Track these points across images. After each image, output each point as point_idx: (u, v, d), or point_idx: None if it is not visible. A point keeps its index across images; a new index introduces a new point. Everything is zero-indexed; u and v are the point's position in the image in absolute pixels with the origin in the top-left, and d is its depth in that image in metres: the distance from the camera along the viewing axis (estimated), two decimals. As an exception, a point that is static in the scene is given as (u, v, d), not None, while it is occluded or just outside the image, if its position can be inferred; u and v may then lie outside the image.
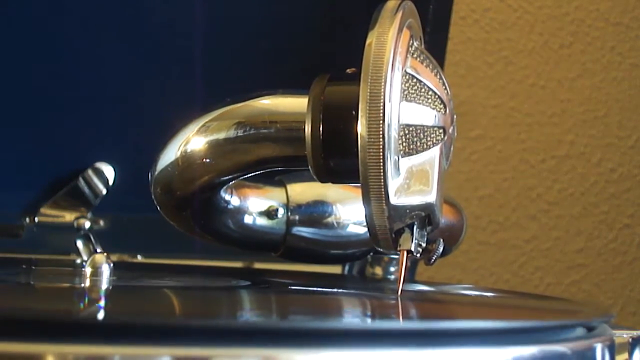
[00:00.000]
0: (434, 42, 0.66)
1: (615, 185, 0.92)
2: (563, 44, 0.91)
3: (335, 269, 0.67)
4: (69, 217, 0.68)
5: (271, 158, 0.46)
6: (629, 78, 0.92)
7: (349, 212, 0.53)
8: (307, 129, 0.44)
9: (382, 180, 0.42)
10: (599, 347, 0.41)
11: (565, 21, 0.91)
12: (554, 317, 0.46)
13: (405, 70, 0.44)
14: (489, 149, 0.91)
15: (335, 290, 0.55)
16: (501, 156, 0.91)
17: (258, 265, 0.70)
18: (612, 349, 0.42)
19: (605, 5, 0.92)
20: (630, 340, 0.43)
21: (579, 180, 0.92)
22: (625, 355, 0.43)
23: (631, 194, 0.92)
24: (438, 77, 0.45)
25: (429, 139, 0.44)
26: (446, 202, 0.57)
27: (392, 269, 0.63)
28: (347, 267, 0.68)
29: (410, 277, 0.67)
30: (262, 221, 0.52)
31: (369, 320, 0.42)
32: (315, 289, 0.55)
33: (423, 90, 0.44)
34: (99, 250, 0.66)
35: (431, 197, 0.44)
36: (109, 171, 0.68)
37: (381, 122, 0.42)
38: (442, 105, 0.44)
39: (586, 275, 0.92)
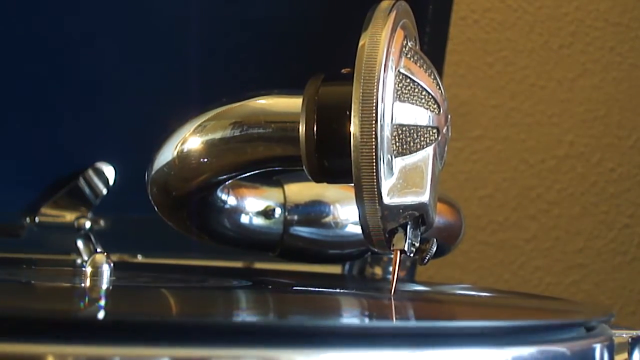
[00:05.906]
0: (434, 42, 0.66)
1: (615, 185, 0.92)
2: (563, 44, 0.91)
3: (335, 269, 0.67)
4: (69, 217, 0.68)
5: (267, 158, 0.46)
6: (628, 78, 0.92)
7: (347, 211, 0.53)
8: (301, 129, 0.44)
9: (375, 181, 0.42)
10: (598, 347, 0.41)
11: (565, 21, 0.91)
12: (554, 317, 0.46)
13: (398, 71, 0.44)
14: (489, 149, 0.91)
15: (334, 290, 0.55)
16: (501, 156, 0.91)
17: (258, 265, 0.70)
18: (612, 348, 0.42)
19: (605, 5, 0.92)
20: (629, 340, 0.43)
21: (578, 180, 0.92)
22: (625, 355, 0.43)
23: (631, 194, 0.92)
24: (432, 77, 0.45)
25: (422, 139, 0.44)
26: (444, 201, 0.57)
27: (391, 268, 0.63)
28: (347, 267, 0.68)
29: (410, 277, 0.67)
30: (259, 221, 0.52)
31: (368, 320, 0.42)
32: (314, 289, 0.55)
33: (416, 90, 0.44)
34: (99, 250, 0.66)
35: (424, 197, 0.44)
36: (109, 171, 0.68)
37: (374, 122, 0.42)
38: (435, 106, 0.44)
39: (586, 275, 0.92)
